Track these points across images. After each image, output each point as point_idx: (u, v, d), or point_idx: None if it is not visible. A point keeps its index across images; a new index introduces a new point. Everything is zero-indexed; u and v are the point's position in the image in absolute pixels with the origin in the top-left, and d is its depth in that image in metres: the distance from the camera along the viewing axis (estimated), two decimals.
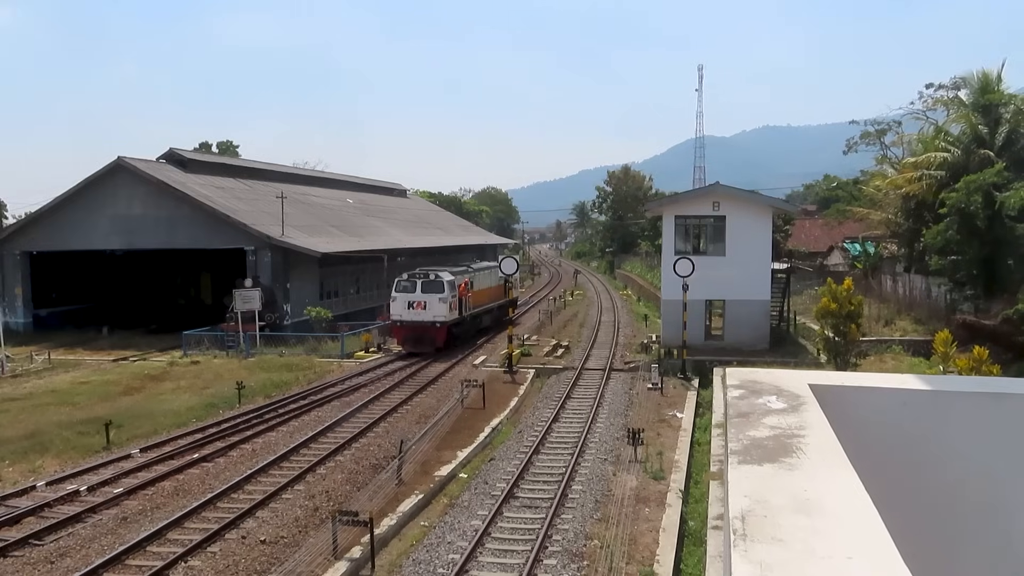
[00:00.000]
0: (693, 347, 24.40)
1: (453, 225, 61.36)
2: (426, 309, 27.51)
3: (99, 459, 15.08)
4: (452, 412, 18.16)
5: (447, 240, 51.91)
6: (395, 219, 49.54)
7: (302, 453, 15.70)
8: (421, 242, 45.60)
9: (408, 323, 27.84)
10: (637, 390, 21.13)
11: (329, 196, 45.69)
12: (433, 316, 27.59)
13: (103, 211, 32.38)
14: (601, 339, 30.84)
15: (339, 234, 38.02)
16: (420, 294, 27.94)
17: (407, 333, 28.21)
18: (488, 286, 33.26)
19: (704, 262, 24.68)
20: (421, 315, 27.66)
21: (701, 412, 18.86)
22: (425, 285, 28.27)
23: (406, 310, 27.87)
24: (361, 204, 48.69)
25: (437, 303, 27.76)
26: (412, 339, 28.03)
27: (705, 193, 27.00)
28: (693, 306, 24.36)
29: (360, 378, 23.13)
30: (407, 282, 28.63)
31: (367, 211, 47.47)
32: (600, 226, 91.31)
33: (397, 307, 28.00)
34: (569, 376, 23.08)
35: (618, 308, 42.98)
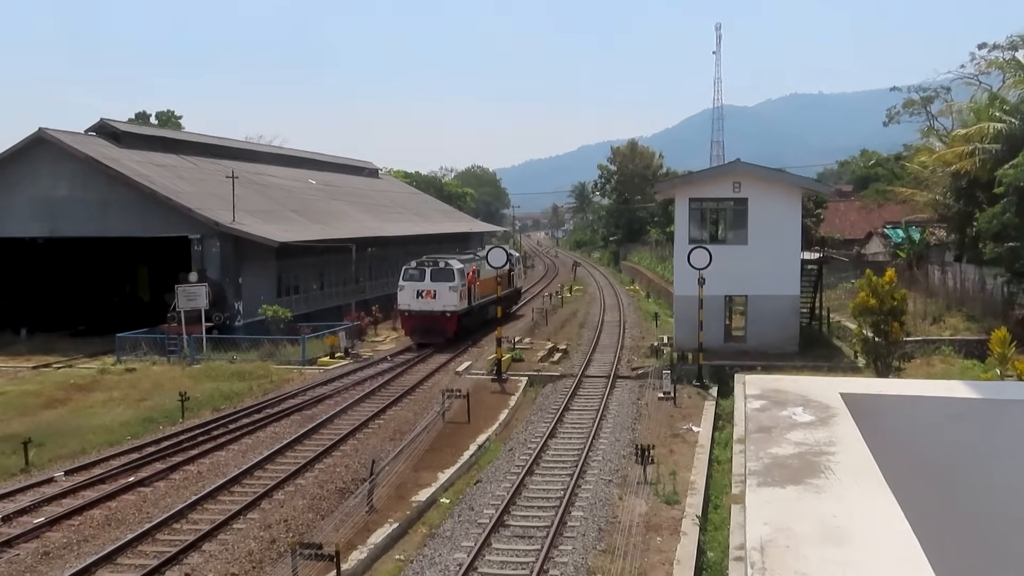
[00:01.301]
0: (711, 350, 24.50)
1: (432, 210, 61.39)
2: (436, 298, 29.32)
3: (16, 484, 15.04)
4: (432, 427, 18.16)
5: (426, 227, 51.92)
6: (365, 203, 49.47)
7: (257, 476, 15.67)
8: (396, 229, 45.59)
9: (417, 313, 29.63)
10: (646, 400, 21.21)
11: (288, 176, 45.54)
12: (443, 305, 29.38)
13: (21, 192, 32.07)
14: (604, 342, 30.94)
15: (300, 220, 37.92)
16: (429, 283, 29.64)
17: (415, 323, 29.90)
18: (492, 274, 35.04)
19: (723, 252, 24.76)
20: (430, 304, 29.43)
21: (721, 425, 18.93)
22: (435, 273, 29.89)
23: (414, 299, 29.57)
24: (326, 186, 48.58)
25: (447, 292, 29.47)
26: (421, 329, 29.75)
27: (724, 172, 27.07)
28: (711, 303, 24.44)
29: (325, 388, 23.11)
30: (415, 270, 30.21)
31: (333, 194, 47.40)
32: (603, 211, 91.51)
33: (405, 296, 29.73)
34: (568, 384, 23.15)
35: (624, 306, 43.11)
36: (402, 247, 47.36)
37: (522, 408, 21.47)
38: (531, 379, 24.12)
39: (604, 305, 43.40)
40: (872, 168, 57.99)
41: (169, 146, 38.80)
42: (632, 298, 47.95)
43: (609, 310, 41.27)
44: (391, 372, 25.14)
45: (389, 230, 44.32)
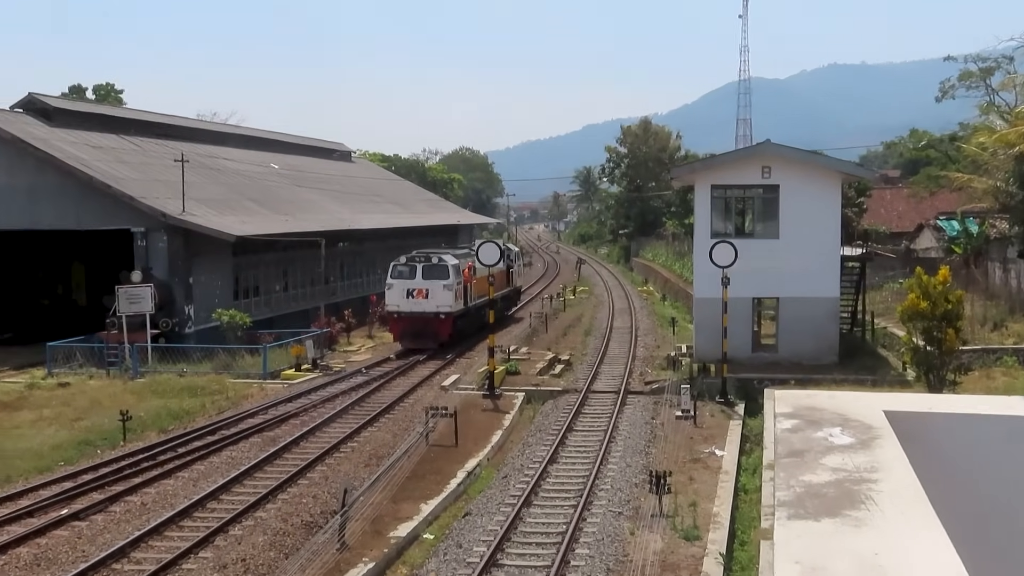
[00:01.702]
0: (737, 361, 24.61)
1: (414, 199, 61.56)
2: (428, 298, 30.09)
3: None
4: (414, 451, 18.18)
5: (407, 219, 52.08)
6: (337, 191, 49.53)
7: (210, 507, 15.66)
8: (372, 221, 45.72)
9: (407, 315, 30.39)
10: (662, 419, 21.26)
11: (247, 160, 45.56)
12: (436, 306, 30.13)
13: None
14: (613, 351, 31.06)
15: (261, 211, 37.99)
16: (421, 280, 30.37)
17: (405, 326, 30.61)
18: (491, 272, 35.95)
19: (751, 247, 24.84)
20: (422, 305, 30.19)
21: (748, 448, 19.01)
22: (427, 270, 30.52)
23: (404, 299, 30.30)
24: (291, 171, 48.63)
25: (441, 291, 30.16)
26: (411, 333, 30.49)
27: (751, 155, 27.17)
28: (736, 306, 24.51)
29: (289, 405, 23.13)
30: (404, 266, 30.89)
31: (299, 180, 47.47)
32: (611, 199, 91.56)
33: (393, 296, 30.50)
34: (571, 401, 23.22)
35: (636, 310, 43.30)
36: (380, 242, 47.42)
37: (518, 428, 21.50)
38: (529, 395, 24.20)
39: (613, 309, 43.54)
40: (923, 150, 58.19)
41: (108, 125, 38.78)
42: (645, 301, 48.10)
43: (619, 315, 41.42)
44: (367, 387, 25.18)
45: (364, 222, 44.40)
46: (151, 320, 28.58)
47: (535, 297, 49.67)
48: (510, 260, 41.66)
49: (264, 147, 50.48)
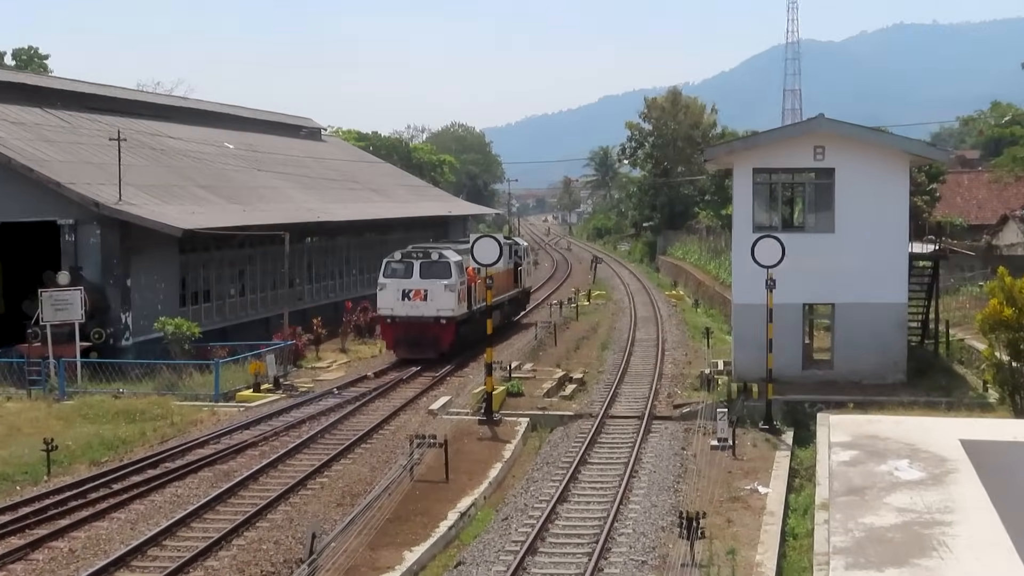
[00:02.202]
0: (785, 380, 24.64)
1: (396, 185, 61.76)
2: (427, 300, 30.84)
3: None
4: (396, 488, 18.20)
5: (388, 209, 52.25)
6: (304, 176, 49.66)
7: (151, 555, 15.67)
8: (346, 212, 45.92)
9: (402, 320, 31.15)
10: (695, 450, 21.29)
11: (197, 138, 45.70)
12: (437, 309, 30.88)
13: None
14: (636, 368, 31.13)
15: (212, 199, 38.10)
16: (419, 280, 31.09)
17: (400, 333, 31.36)
18: (497, 270, 37.46)
19: (801, 243, 24.87)
20: (420, 308, 30.92)
21: (798, 485, 19.02)
22: (426, 268, 31.16)
23: (399, 302, 31.06)
24: (249, 151, 48.77)
25: (442, 292, 30.88)
26: (407, 341, 31.27)
27: (801, 132, 27.20)
28: (784, 314, 24.55)
29: (246, 432, 23.16)
30: (400, 263, 31.55)
31: (258, 162, 47.61)
32: (633, 186, 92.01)
33: (386, 298, 31.27)
34: (585, 428, 23.27)
35: (663, 318, 43.39)
36: (355, 236, 47.52)
37: (521, 461, 21.50)
38: (534, 420, 24.26)
39: (635, 317, 43.62)
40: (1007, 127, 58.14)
41: (30, 96, 38.88)
42: (674, 308, 48.18)
43: (642, 324, 41.52)
44: (339, 411, 25.22)
45: (337, 213, 44.51)
46: (81, 330, 28.57)
47: (542, 303, 49.69)
48: (518, 257, 42.23)
49: (217, 123, 50.60)
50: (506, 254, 39.35)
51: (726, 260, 46.42)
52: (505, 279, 38.20)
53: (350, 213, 45.93)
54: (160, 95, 57.81)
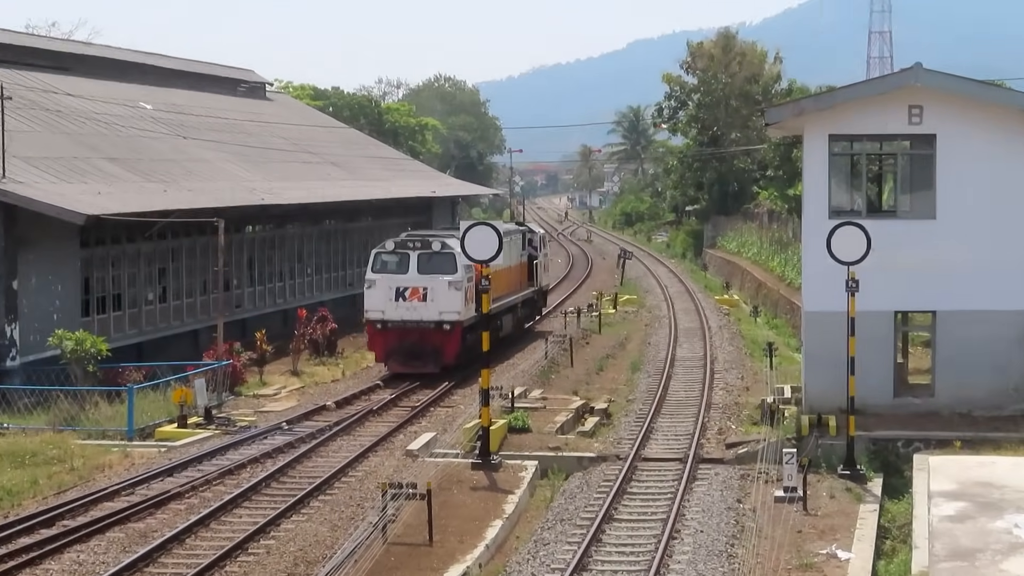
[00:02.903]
0: (871, 411, 24.60)
1: (363, 157, 62.02)
2: (427, 301, 31.94)
3: None
4: (364, 553, 18.13)
5: (354, 188, 52.47)
6: (244, 145, 49.72)
7: None
8: (298, 193, 46.10)
9: (396, 325, 32.31)
10: (754, 503, 21.24)
11: (104, 96, 45.76)
12: (439, 312, 31.96)
13: None
14: (677, 395, 31.19)
15: (125, 177, 38.13)
16: (416, 275, 32.12)
17: (394, 342, 32.49)
18: (507, 265, 38.21)
19: (891, 233, 24.87)
20: (418, 311, 32.04)
21: (889, 548, 18.96)
22: (425, 260, 32.15)
23: (392, 303, 32.20)
24: (172, 113, 48.84)
25: (446, 291, 31.95)
26: (403, 352, 32.32)
27: (892, 88, 27.10)
28: (870, 326, 24.46)
29: (169, 480, 23.11)
30: (392, 255, 32.65)
31: (185, 128, 47.72)
32: (673, 158, 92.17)
33: (376, 298, 32.40)
34: (611, 474, 23.28)
35: (712, 331, 43.46)
36: (311, 224, 47.55)
37: (527, 517, 21.47)
38: (544, 464, 24.22)
39: (676, 329, 43.66)
40: None
41: None
42: (727, 317, 48.25)
43: (685, 338, 41.59)
44: (290, 451, 25.20)
45: (286, 193, 44.59)
46: None
47: (554, 310, 49.69)
48: (532, 248, 42.85)
49: (131, 76, 50.66)
50: (517, 245, 40.52)
51: (794, 255, 46.33)
52: (515, 277, 38.88)
53: (304, 194, 45.98)
54: (56, 40, 57.89)
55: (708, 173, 79.18)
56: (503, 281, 36.54)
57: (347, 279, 50.24)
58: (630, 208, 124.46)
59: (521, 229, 43.82)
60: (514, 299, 38.80)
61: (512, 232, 40.50)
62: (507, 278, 37.55)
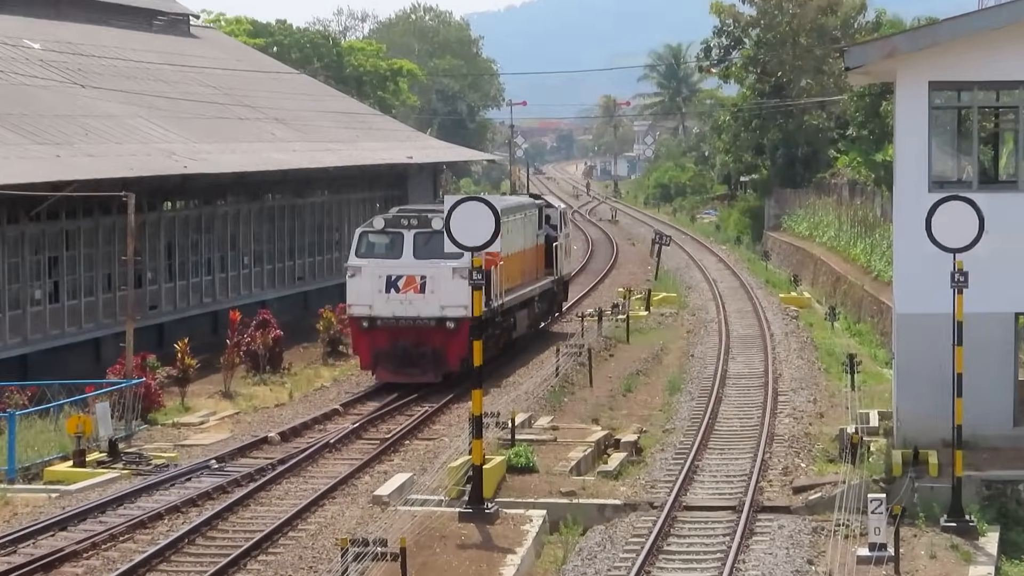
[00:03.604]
0: (983, 443, 24.59)
1: (319, 112, 62.07)
2: (426, 293, 32.95)
3: None
4: None
5: (306, 153, 52.40)
6: (160, 96, 49.54)
7: None
8: (233, 159, 46.15)
9: (388, 323, 33.33)
10: (830, 564, 21.21)
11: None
12: (441, 307, 32.94)
13: None
14: (730, 424, 31.35)
15: (3, 137, 38.05)
16: (412, 260, 33.08)
17: (384, 344, 33.45)
18: (520, 248, 39.52)
19: (1011, 210, 24.85)
20: (416, 305, 33.06)
21: None
22: (423, 242, 33.08)
23: (381, 295, 33.22)
24: (67, 54, 48.82)
25: (449, 280, 32.85)
26: (396, 357, 33.31)
27: (1011, 21, 26.98)
28: (983, 332, 24.50)
29: (62, 535, 23.04)
30: (382, 234, 33.65)
31: (83, 74, 47.74)
32: (725, 114, 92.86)
33: (361, 289, 33.45)
34: (642, 528, 23.34)
35: (775, 339, 43.59)
36: (248, 200, 47.38)
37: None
38: (554, 514, 24.18)
39: (727, 337, 43.74)
40: None
41: None
42: (795, 322, 48.29)
43: (741, 349, 41.71)
44: (221, 498, 25.22)
45: (217, 159, 44.51)
46: None
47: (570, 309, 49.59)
48: (550, 226, 43.59)
49: (11, 5, 50.53)
50: (531, 223, 41.37)
51: (883, 239, 46.28)
52: (530, 263, 39.80)
53: (240, 160, 45.93)
54: None
55: (770, 133, 79.09)
56: (515, 269, 37.44)
57: (296, 272, 50.17)
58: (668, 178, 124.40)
59: (537, 204, 44.25)
60: (530, 291, 39.50)
61: (525, 208, 41.03)
62: (520, 265, 38.45)
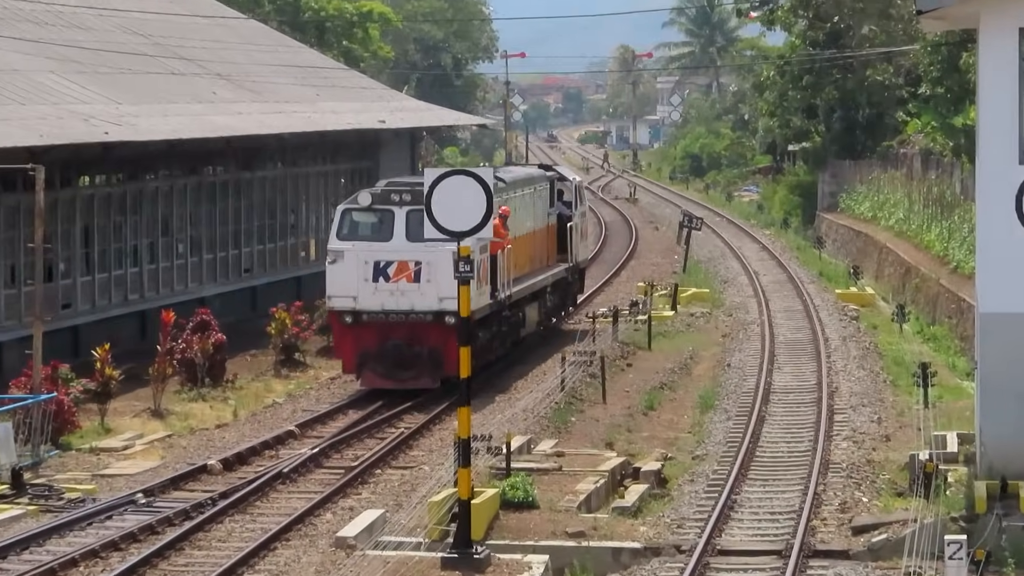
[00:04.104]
0: None
1: (270, 67, 62.34)
2: (421, 281, 33.80)
3: None
4: None
5: (255, 116, 52.42)
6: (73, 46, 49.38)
7: None
8: (164, 124, 45.94)
9: (375, 317, 34.39)
10: None
11: None
12: (440, 298, 33.67)
13: None
14: (774, 447, 31.47)
15: None
16: (405, 243, 34.07)
17: (371, 343, 34.44)
18: (528, 230, 41.01)
19: None
20: (409, 297, 34.14)
21: None
22: (417, 221, 33.05)
23: (367, 284, 34.22)
24: None
25: (449, 266, 32.55)
26: (386, 358, 34.28)
27: None
28: None
29: None
30: (369, 212, 34.66)
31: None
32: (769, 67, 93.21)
33: (344, 278, 34.52)
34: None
35: (830, 344, 43.73)
36: (184, 175, 47.34)
37: None
38: (558, 559, 24.07)
39: (772, 342, 43.88)
40: None
41: None
42: (854, 323, 48.38)
43: (789, 357, 41.90)
44: (150, 540, 25.20)
45: (145, 124, 44.42)
46: None
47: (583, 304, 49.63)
48: (563, 204, 44.67)
49: None
50: (541, 199, 42.63)
51: (964, 222, 46.22)
52: (540, 247, 40.85)
53: (174, 126, 45.85)
54: None
55: (825, 91, 79.09)
56: (523, 254, 38.47)
57: (243, 262, 50.10)
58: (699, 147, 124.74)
59: (547, 176, 44.93)
60: (540, 281, 40.44)
61: (534, 181, 41.88)
62: (529, 249, 39.48)
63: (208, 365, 37.65)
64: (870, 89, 76.82)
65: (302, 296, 46.88)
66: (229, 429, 33.80)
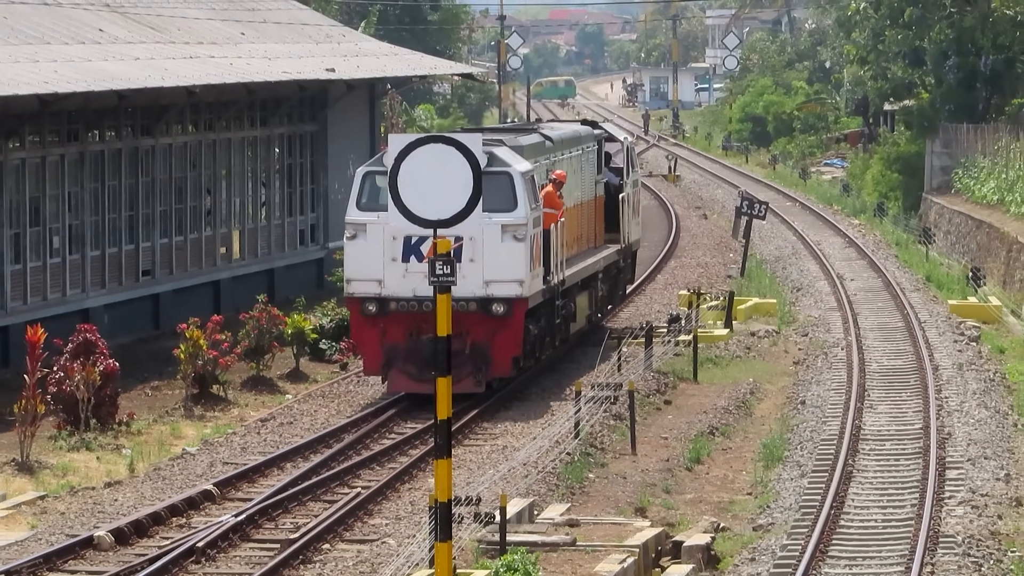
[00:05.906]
0: None
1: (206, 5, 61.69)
2: (463, 261, 34.77)
3: None
4: None
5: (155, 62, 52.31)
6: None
7: None
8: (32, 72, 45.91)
9: (406, 307, 36.27)
10: None
11: None
12: (485, 282, 35.79)
13: None
14: (865, 513, 31.61)
15: None
16: None
17: (401, 336, 36.28)
18: (576, 201, 43.00)
19: None
20: None
21: None
22: None
23: (395, 265, 36.04)
24: None
25: (498, 243, 35.68)
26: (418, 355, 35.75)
27: None
28: None
29: None
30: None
31: None
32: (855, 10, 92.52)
33: (366, 257, 36.31)
34: None
35: (939, 374, 44.06)
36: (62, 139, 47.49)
37: None
38: None
39: (862, 371, 44.07)
40: None
41: None
42: (971, 346, 48.70)
43: (884, 392, 42.17)
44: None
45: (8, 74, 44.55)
46: None
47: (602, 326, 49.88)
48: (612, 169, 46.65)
49: None
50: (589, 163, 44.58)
51: None
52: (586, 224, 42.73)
53: (46, 75, 45.99)
54: None
55: (935, 30, 79.33)
56: (572, 232, 40.07)
57: (141, 262, 50.21)
58: (762, 106, 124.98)
59: (595, 135, 46.18)
60: (592, 264, 42.02)
61: (582, 140, 43.59)
62: (577, 226, 41.11)
63: (94, 402, 37.57)
64: (996, 27, 77.01)
65: (222, 308, 47.07)
66: (124, 488, 33.65)
